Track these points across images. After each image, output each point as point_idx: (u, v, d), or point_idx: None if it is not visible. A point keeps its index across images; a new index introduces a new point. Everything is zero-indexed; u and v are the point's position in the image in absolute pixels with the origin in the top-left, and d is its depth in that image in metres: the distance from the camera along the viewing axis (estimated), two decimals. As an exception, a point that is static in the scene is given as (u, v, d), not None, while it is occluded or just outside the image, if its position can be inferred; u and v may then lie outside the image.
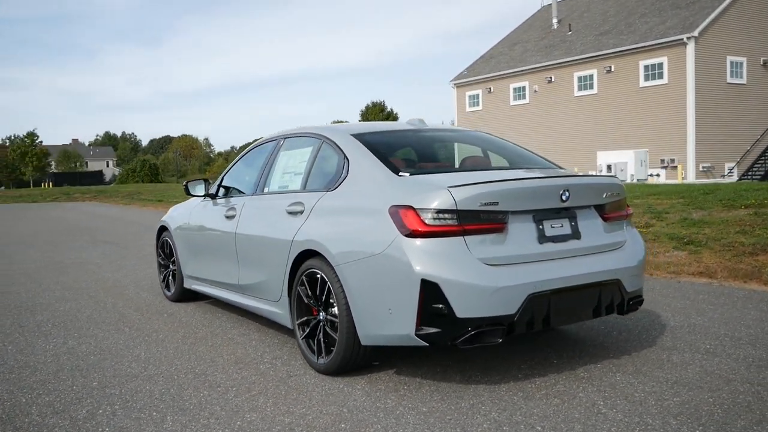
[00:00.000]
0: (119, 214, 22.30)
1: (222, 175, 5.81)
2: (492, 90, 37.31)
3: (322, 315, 4.06)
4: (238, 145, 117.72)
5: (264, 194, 4.98)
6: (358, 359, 3.89)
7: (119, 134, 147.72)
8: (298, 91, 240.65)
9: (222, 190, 5.65)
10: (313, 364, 4.09)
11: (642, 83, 29.42)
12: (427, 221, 3.49)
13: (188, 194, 5.75)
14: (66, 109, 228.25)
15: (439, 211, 3.48)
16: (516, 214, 3.66)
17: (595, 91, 31.66)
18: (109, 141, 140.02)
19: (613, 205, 4.07)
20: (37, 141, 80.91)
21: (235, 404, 3.57)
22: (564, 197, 3.75)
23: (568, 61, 32.62)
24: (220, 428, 3.25)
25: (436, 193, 3.52)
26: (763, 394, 3.45)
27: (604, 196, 3.99)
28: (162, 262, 6.64)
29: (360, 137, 4.34)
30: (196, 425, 3.30)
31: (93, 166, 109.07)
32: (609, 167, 28.85)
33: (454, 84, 39.62)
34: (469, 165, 4.61)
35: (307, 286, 4.13)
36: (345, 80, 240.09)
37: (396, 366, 4.12)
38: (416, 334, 3.49)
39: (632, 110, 29.74)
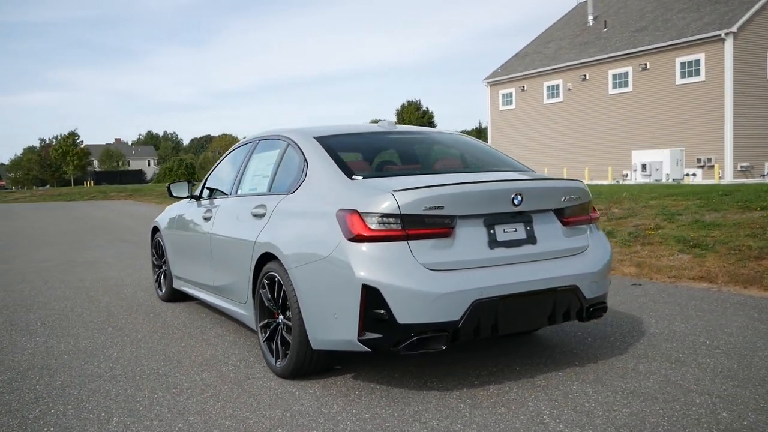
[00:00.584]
0: (149, 212, 22.72)
1: (207, 176, 5.86)
2: (525, 88, 36.85)
3: (280, 318, 4.06)
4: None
5: (237, 196, 5.02)
6: (311, 364, 3.88)
7: (161, 134, 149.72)
8: (337, 91, 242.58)
9: (206, 192, 5.69)
10: (272, 367, 4.09)
11: (678, 80, 28.67)
12: (370, 225, 3.45)
13: (171, 196, 5.82)
14: (110, 109, 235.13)
15: (382, 216, 3.44)
16: (465, 218, 3.59)
17: (630, 89, 30.99)
18: (151, 140, 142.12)
19: (574, 209, 3.96)
20: (78, 141, 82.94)
21: (184, 406, 3.59)
22: (516, 201, 3.67)
23: (602, 59, 32.00)
24: (161, 430, 3.27)
25: (380, 197, 3.48)
26: (718, 406, 3.32)
27: (562, 199, 3.89)
28: (155, 263, 6.74)
29: (322, 140, 4.32)
30: (139, 426, 3.33)
31: (135, 165, 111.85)
32: (644, 166, 28.20)
33: (488, 83, 39.25)
34: (429, 168, 4.52)
35: (267, 288, 4.14)
36: (385, 79, 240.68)
37: (356, 370, 4.10)
38: (359, 340, 3.47)
39: (668, 108, 29.02)
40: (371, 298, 3.39)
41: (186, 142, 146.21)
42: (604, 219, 10.24)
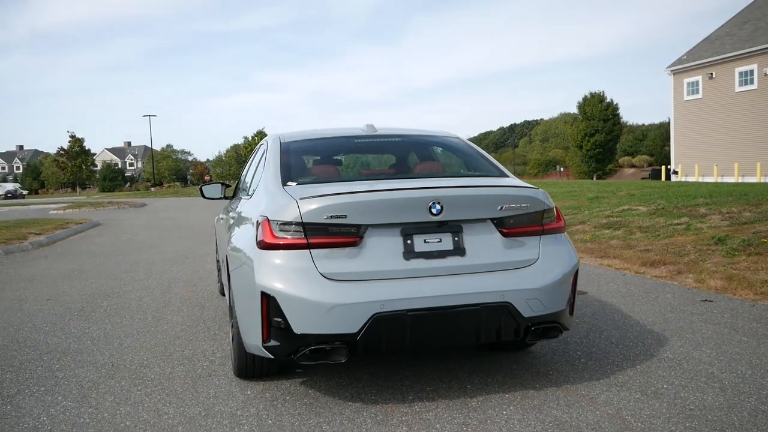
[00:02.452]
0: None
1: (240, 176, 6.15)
2: (714, 75, 33.48)
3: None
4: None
5: (240, 198, 5.21)
6: (253, 367, 3.93)
7: None
8: (528, 84, 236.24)
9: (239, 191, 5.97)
10: (233, 367, 4.21)
11: None
12: (276, 233, 3.44)
13: (204, 197, 6.16)
14: (304, 107, 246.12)
15: (285, 223, 3.42)
16: (377, 227, 3.43)
17: (837, 72, 26.94)
18: None
19: (519, 219, 3.59)
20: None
21: (121, 397, 3.84)
22: (434, 210, 3.42)
23: (804, 39, 28.16)
24: (69, 415, 3.53)
25: (286, 205, 3.47)
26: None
27: (499, 208, 3.54)
28: (217, 257, 7.19)
29: (285, 144, 4.36)
30: (55, 409, 3.62)
31: None
32: None
33: (671, 71, 36.22)
34: (379, 174, 4.41)
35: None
36: (579, 70, 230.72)
37: (309, 376, 4.08)
38: (263, 346, 3.47)
39: None
40: (271, 305, 3.39)
41: None
42: (726, 223, 9.09)
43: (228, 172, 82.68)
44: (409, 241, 3.45)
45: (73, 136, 63.28)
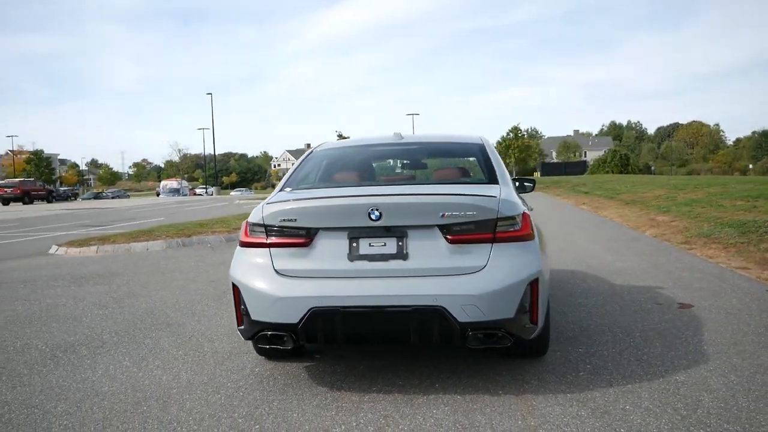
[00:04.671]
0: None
1: None
2: None
3: None
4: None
5: None
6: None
7: (624, 123, 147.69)
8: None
9: None
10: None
11: None
12: (248, 233, 3.97)
13: None
14: (574, 101, 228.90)
15: (254, 225, 3.95)
16: (328, 230, 3.78)
17: None
18: (613, 131, 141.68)
19: (465, 226, 3.70)
20: (520, 135, 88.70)
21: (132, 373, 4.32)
22: (373, 216, 3.69)
23: None
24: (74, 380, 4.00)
25: (259, 210, 3.97)
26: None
27: (441, 216, 3.69)
28: None
29: (315, 152, 5.10)
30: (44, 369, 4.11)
31: (591, 156, 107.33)
32: None
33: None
34: (371, 181, 4.76)
35: None
36: None
37: (298, 365, 4.43)
38: (237, 329, 3.99)
39: None
40: (238, 294, 3.87)
41: (651, 131, 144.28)
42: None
43: None
44: (354, 244, 3.75)
45: (340, 135, 61.30)
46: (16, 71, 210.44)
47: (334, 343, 3.83)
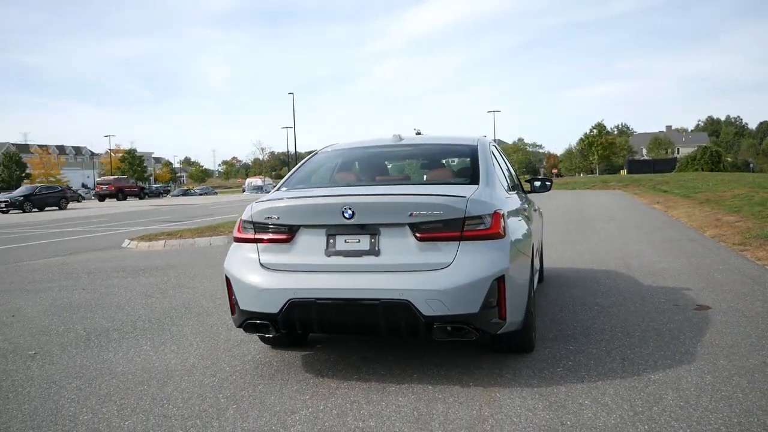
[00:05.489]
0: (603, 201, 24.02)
1: None
2: None
3: None
4: None
5: None
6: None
7: (723, 118, 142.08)
8: None
9: None
10: None
11: None
12: (241, 229, 4.30)
13: None
14: (669, 95, 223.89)
15: (245, 222, 4.27)
16: (309, 227, 4.06)
17: None
18: (710, 126, 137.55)
19: (433, 225, 3.88)
20: (604, 131, 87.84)
21: (115, 341, 4.72)
22: (346, 214, 3.93)
23: None
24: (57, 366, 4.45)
25: (248, 208, 4.30)
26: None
27: (409, 215, 3.88)
28: None
29: (319, 153, 5.38)
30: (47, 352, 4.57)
31: (684, 152, 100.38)
32: None
33: None
34: (364, 182, 4.94)
35: None
36: None
37: (290, 355, 4.71)
38: (232, 317, 4.31)
39: None
40: (230, 285, 4.22)
41: (752, 125, 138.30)
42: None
43: (573, 165, 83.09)
44: (331, 240, 4.02)
45: (418, 133, 66.57)
46: (118, 74, 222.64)
47: (312, 332, 4.11)
